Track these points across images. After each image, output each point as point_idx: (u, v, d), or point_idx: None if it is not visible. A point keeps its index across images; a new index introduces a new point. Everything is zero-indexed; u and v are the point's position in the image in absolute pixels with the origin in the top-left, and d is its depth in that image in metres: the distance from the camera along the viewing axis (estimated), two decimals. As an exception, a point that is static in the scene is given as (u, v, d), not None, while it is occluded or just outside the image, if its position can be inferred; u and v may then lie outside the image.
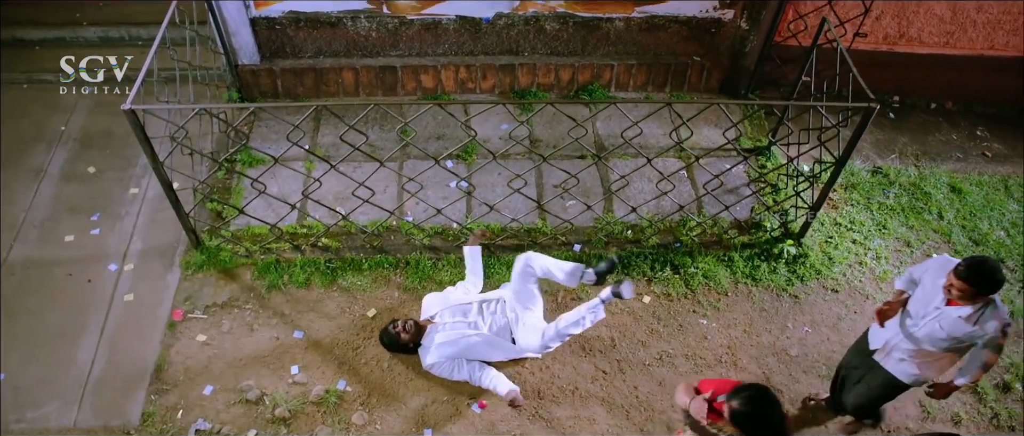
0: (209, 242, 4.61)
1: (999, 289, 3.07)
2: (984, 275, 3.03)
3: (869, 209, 5.22)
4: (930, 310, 3.27)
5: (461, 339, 3.97)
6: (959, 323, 3.17)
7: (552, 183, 5.12)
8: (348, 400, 4.02)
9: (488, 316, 4.02)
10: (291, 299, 4.44)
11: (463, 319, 4.01)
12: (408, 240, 4.72)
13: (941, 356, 3.37)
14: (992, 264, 3.06)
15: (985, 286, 3.04)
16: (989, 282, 3.04)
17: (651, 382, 4.19)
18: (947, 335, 3.22)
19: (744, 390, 2.71)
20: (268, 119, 5.46)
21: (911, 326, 3.37)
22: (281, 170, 4.99)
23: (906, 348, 3.41)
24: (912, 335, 3.36)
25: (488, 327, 3.99)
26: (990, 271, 3.03)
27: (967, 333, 3.18)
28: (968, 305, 3.14)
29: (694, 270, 4.70)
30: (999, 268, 3.05)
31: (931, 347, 3.32)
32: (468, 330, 3.98)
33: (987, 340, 3.17)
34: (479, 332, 3.97)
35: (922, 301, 3.32)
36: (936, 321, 3.24)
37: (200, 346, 4.19)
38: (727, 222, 4.99)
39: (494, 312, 4.04)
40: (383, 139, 5.34)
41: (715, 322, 4.49)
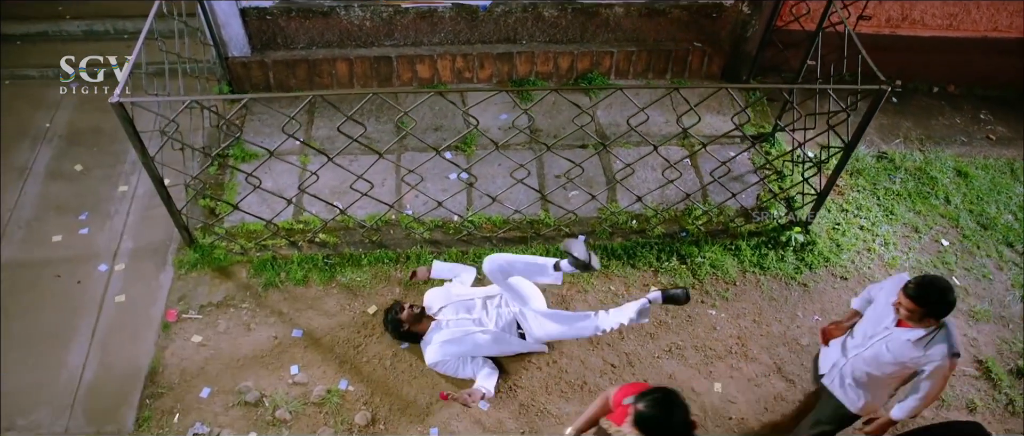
0: (203, 240, 4.46)
1: (949, 311, 2.90)
2: (933, 295, 2.86)
3: (875, 195, 5.14)
4: (879, 330, 3.09)
5: (466, 337, 3.85)
6: (907, 346, 2.99)
7: (553, 173, 5.01)
8: (350, 400, 3.90)
9: (493, 311, 3.91)
10: (289, 297, 4.30)
11: (467, 316, 3.89)
12: (408, 234, 4.60)
13: (889, 382, 3.20)
14: (943, 285, 2.90)
15: (934, 307, 2.88)
16: (938, 303, 2.88)
17: (661, 375, 4.10)
18: (893, 359, 3.04)
19: (650, 393, 2.58)
20: (261, 113, 5.31)
21: (854, 347, 3.20)
22: (275, 164, 4.85)
23: (851, 372, 3.24)
24: (857, 357, 3.18)
25: (494, 323, 3.88)
26: (940, 291, 2.87)
27: (913, 358, 3.00)
28: (919, 327, 2.97)
29: (701, 260, 4.60)
30: (950, 290, 2.89)
31: (877, 371, 3.13)
32: (473, 327, 3.87)
33: (933, 369, 2.97)
34: (485, 329, 3.86)
35: (873, 320, 3.16)
36: (884, 342, 3.07)
37: (196, 347, 4.05)
38: (733, 210, 4.90)
39: (499, 306, 3.93)
40: (380, 131, 5.21)
41: (724, 312, 4.40)
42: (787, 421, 3.95)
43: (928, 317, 2.91)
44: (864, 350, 3.15)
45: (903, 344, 3.00)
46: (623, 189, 4.93)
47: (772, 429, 3.93)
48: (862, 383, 3.22)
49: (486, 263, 3.72)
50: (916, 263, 4.72)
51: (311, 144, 3.94)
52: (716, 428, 3.91)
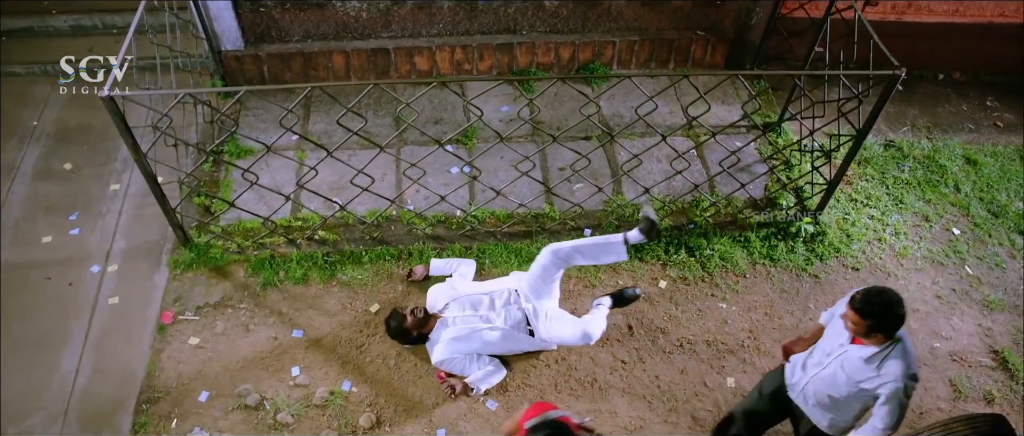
0: (198, 239, 4.33)
1: (898, 326, 2.68)
2: (877, 306, 2.63)
3: (884, 184, 5.05)
4: (836, 348, 2.88)
5: (474, 334, 3.74)
6: (860, 366, 2.76)
7: (557, 166, 4.89)
8: (354, 401, 3.78)
9: (502, 309, 3.80)
10: (288, 296, 4.18)
11: (474, 313, 3.78)
12: (410, 230, 4.48)
13: (850, 405, 2.92)
14: (890, 297, 2.65)
15: (880, 320, 2.64)
16: (884, 316, 2.64)
17: (672, 370, 4.00)
18: (848, 379, 2.81)
19: (540, 428, 2.45)
20: (256, 107, 5.17)
21: (813, 365, 2.99)
22: (272, 160, 4.72)
23: (813, 392, 3.01)
24: (816, 377, 2.96)
25: (503, 320, 3.77)
26: (886, 303, 2.64)
27: (868, 378, 2.76)
28: (872, 344, 2.74)
29: (710, 252, 4.50)
30: (899, 303, 2.65)
31: (835, 392, 2.90)
32: (481, 324, 3.75)
33: (890, 393, 2.71)
34: (493, 326, 3.75)
35: (832, 337, 2.94)
36: (839, 361, 2.85)
37: (193, 350, 3.92)
38: (741, 201, 4.80)
39: (508, 304, 3.81)
40: (378, 125, 5.08)
41: (735, 305, 4.30)
42: (802, 416, 3.85)
43: (876, 332, 2.68)
44: (822, 369, 2.93)
45: (856, 363, 2.78)
46: (629, 181, 4.82)
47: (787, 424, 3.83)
48: (824, 404, 3.00)
49: (548, 254, 3.69)
50: (927, 252, 4.64)
51: (309, 138, 3.80)
52: (730, 424, 3.81)
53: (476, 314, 3.79)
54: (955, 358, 4.14)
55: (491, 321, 3.77)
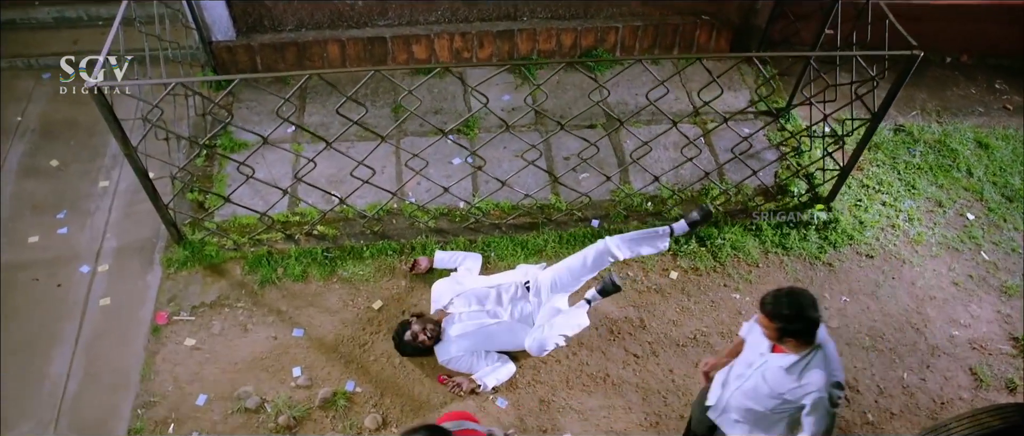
0: (192, 236, 4.17)
1: (813, 329, 2.46)
2: (784, 308, 2.42)
3: (895, 169, 4.94)
4: (756, 358, 2.69)
5: (480, 330, 3.61)
6: (781, 375, 2.56)
7: (561, 155, 4.75)
8: (358, 402, 3.63)
9: (508, 303, 3.66)
10: (287, 294, 4.02)
11: (481, 308, 3.64)
12: (412, 223, 4.33)
13: (775, 419, 2.70)
14: (802, 298, 2.43)
15: (790, 323, 2.43)
16: (794, 318, 2.42)
17: (687, 364, 3.87)
18: (771, 390, 2.60)
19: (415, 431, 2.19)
20: (249, 99, 5.00)
21: (735, 378, 2.79)
22: (268, 153, 4.56)
23: (737, 406, 2.79)
24: (738, 390, 2.75)
25: (510, 314, 3.63)
26: (796, 305, 2.41)
27: (791, 389, 2.55)
28: (791, 352, 2.54)
29: (721, 241, 4.38)
30: (811, 305, 2.42)
31: (758, 406, 2.68)
32: (488, 319, 3.62)
33: (813, 403, 2.51)
34: (499, 320, 3.61)
35: (752, 347, 2.76)
36: (760, 372, 2.65)
37: (189, 351, 3.76)
38: (751, 189, 4.67)
39: (516, 298, 3.68)
40: (376, 116, 4.92)
41: (748, 296, 4.18)
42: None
43: (789, 337, 2.47)
44: (743, 382, 2.73)
45: (777, 372, 2.58)
46: (635, 170, 4.69)
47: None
48: (747, 420, 2.77)
49: (608, 244, 3.65)
50: (942, 238, 4.53)
51: (306, 129, 3.64)
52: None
53: (483, 309, 3.65)
54: (975, 346, 4.03)
55: (498, 316, 3.63)
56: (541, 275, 3.75)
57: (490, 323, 3.62)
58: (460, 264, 4.04)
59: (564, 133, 4.36)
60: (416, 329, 3.58)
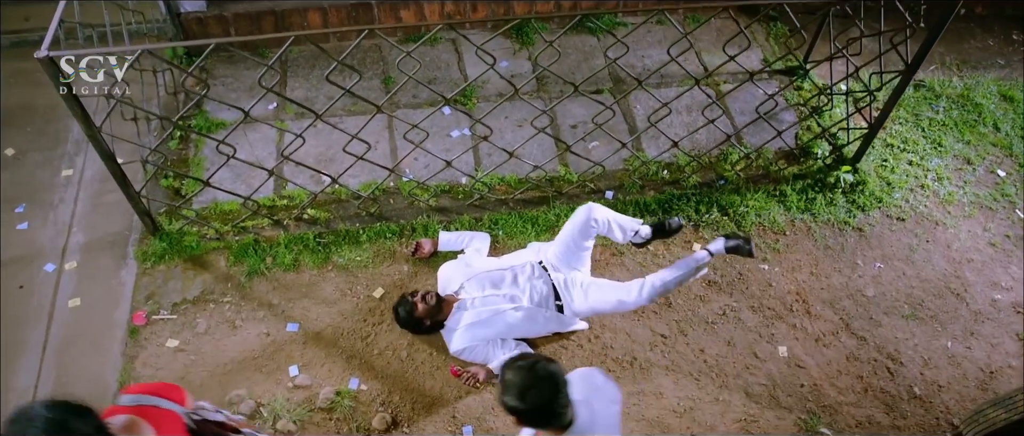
0: (169, 226, 3.77)
1: (550, 417, 2.03)
2: (532, 402, 2.00)
3: (919, 126, 4.66)
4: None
5: (496, 317, 3.27)
6: None
7: (568, 123, 4.41)
8: (365, 401, 3.29)
9: (526, 284, 3.33)
10: (279, 285, 3.65)
11: (495, 291, 3.31)
12: (411, 202, 3.97)
13: None
14: (544, 384, 1.99)
15: (526, 415, 2.04)
16: (530, 410, 2.01)
17: (719, 342, 3.58)
18: None
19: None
20: (225, 75, 4.57)
21: None
22: (249, 133, 4.18)
23: None
24: None
25: (528, 298, 3.30)
26: (540, 400, 1.98)
27: None
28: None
29: (744, 209, 4.08)
30: (553, 385, 1.99)
31: None
32: (504, 304, 3.28)
33: None
34: (518, 305, 3.28)
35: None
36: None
37: (172, 353, 3.39)
38: (771, 152, 4.37)
39: (532, 278, 3.35)
40: (365, 89, 4.51)
41: (777, 266, 3.89)
42: (863, 384, 3.48)
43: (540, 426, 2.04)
44: None
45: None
46: (648, 137, 4.36)
47: (849, 393, 3.45)
48: None
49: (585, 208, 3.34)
50: (974, 197, 4.27)
51: (292, 101, 3.26)
52: (788, 398, 3.42)
53: (498, 293, 3.32)
54: (1019, 310, 3.79)
55: (516, 300, 3.30)
56: (550, 251, 3.43)
57: (507, 308, 3.29)
58: (467, 245, 3.70)
59: (569, 100, 4.03)
60: (417, 294, 3.27)
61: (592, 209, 3.33)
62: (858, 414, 3.39)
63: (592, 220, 3.32)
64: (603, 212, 3.35)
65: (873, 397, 3.45)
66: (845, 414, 3.39)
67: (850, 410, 3.40)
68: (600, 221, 3.33)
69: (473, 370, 3.27)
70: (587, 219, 3.31)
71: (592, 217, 3.32)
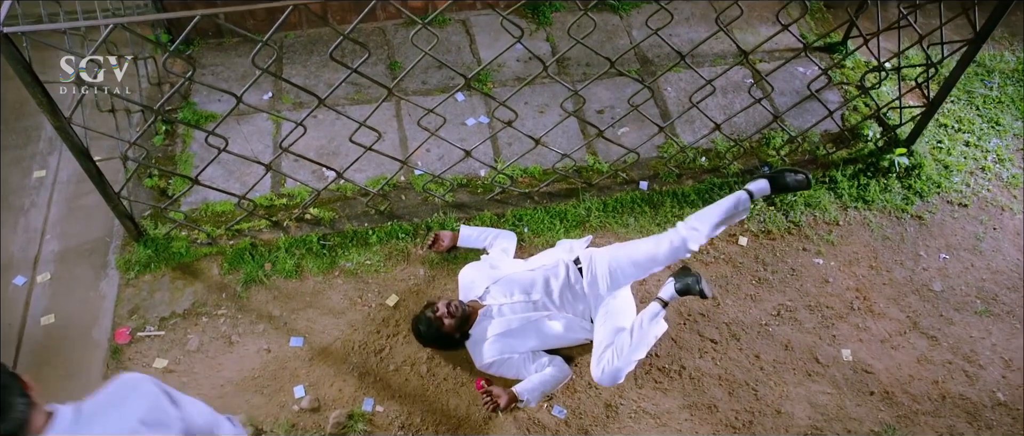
0: (154, 230, 3.36)
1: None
2: None
3: (972, 104, 4.28)
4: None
5: (528, 326, 2.88)
6: None
7: (594, 109, 4.01)
8: (382, 424, 2.90)
9: (560, 292, 2.92)
10: (280, 295, 3.25)
11: (525, 297, 2.90)
12: (426, 198, 3.57)
13: None
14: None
15: None
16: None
17: (775, 347, 3.19)
18: None
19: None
20: (214, 65, 4.15)
21: None
22: (242, 125, 3.77)
23: None
24: None
25: (561, 304, 2.91)
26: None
27: None
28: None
29: (792, 198, 3.69)
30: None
31: None
32: (535, 312, 2.89)
33: None
34: (551, 314, 2.89)
35: None
36: None
37: (160, 375, 2.98)
38: (817, 135, 3.99)
39: (567, 285, 2.94)
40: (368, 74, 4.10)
41: (833, 260, 3.51)
42: (940, 390, 3.10)
43: None
44: None
45: None
46: (682, 122, 3.98)
47: (925, 401, 3.07)
48: None
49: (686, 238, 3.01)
50: (1040, 180, 3.90)
51: (291, 82, 2.85)
52: (857, 408, 3.03)
53: (528, 299, 2.92)
54: (1104, 301, 3.42)
55: (548, 308, 2.91)
56: (596, 256, 3.02)
57: (539, 318, 2.89)
58: (491, 244, 3.30)
59: (594, 84, 3.64)
60: (440, 307, 2.84)
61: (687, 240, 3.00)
62: (937, 425, 3.01)
63: (686, 250, 3.01)
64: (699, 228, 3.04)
65: (952, 405, 3.07)
66: (922, 425, 3.01)
67: (928, 420, 3.02)
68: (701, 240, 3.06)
69: (496, 392, 2.87)
70: (681, 247, 3.00)
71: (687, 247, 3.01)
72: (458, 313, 2.82)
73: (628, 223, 3.54)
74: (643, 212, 3.59)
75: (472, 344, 2.96)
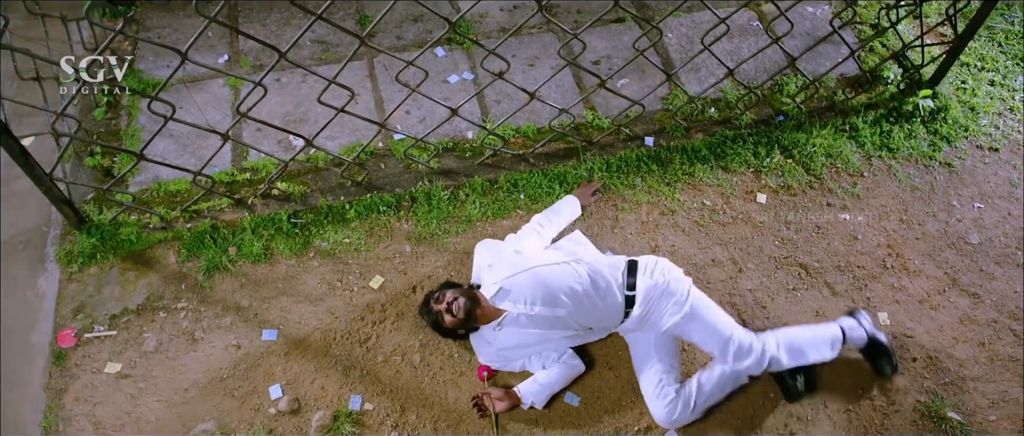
0: (99, 216, 2.94)
1: None
2: None
3: (995, 41, 3.97)
4: None
5: (543, 340, 2.52)
6: None
7: (589, 60, 3.63)
8: (372, 424, 2.54)
9: (594, 311, 2.49)
10: (247, 282, 2.86)
11: (548, 311, 2.45)
12: (408, 166, 3.18)
13: None
14: None
15: None
16: None
17: (806, 313, 2.89)
18: None
19: None
20: (160, 26, 3.68)
21: None
22: (195, 94, 3.34)
23: None
24: None
25: (590, 324, 2.53)
26: None
27: None
28: None
29: (811, 149, 3.36)
30: None
31: None
32: (558, 331, 2.50)
33: None
34: (578, 332, 2.54)
35: None
36: None
37: (113, 382, 2.59)
38: (833, 80, 3.65)
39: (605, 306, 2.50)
40: (335, 32, 3.67)
41: (860, 215, 3.20)
42: (987, 352, 2.82)
43: None
44: None
45: None
46: (686, 71, 3.61)
47: (972, 365, 2.78)
48: None
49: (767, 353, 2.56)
50: (1072, 118, 3.61)
51: (250, 35, 2.43)
52: (900, 377, 2.74)
53: (552, 314, 2.46)
54: None
55: (572, 327, 2.50)
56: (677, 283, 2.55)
57: (562, 337, 2.52)
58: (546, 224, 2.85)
59: (587, 32, 3.26)
60: (444, 300, 2.47)
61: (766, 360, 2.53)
62: (989, 391, 2.73)
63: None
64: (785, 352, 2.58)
65: (1002, 368, 2.79)
66: (972, 392, 2.73)
67: (978, 386, 2.74)
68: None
69: (496, 393, 2.52)
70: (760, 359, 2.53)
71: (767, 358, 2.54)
72: (459, 315, 2.42)
73: (635, 183, 3.19)
74: (650, 170, 3.24)
75: (477, 340, 2.61)
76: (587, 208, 3.05)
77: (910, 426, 2.63)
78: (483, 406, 2.50)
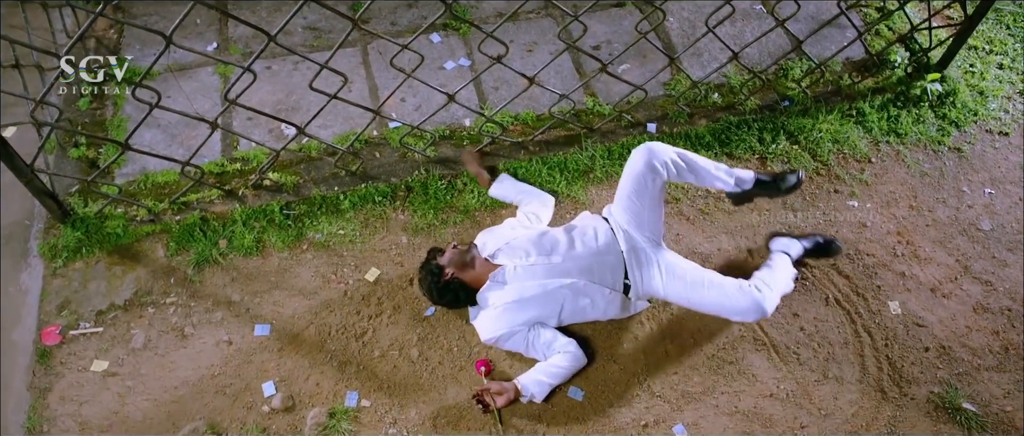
0: (84, 209, 2.84)
1: None
2: None
3: (1002, 23, 3.88)
4: None
5: (545, 295, 2.43)
6: None
7: (589, 45, 3.53)
8: (369, 422, 2.46)
9: (588, 254, 2.47)
10: (238, 276, 2.76)
11: (544, 259, 2.46)
12: (403, 155, 3.08)
13: None
14: None
15: None
16: None
17: (814, 303, 2.81)
18: None
19: None
20: (147, 14, 3.56)
21: None
22: (184, 83, 3.23)
23: None
24: None
25: (589, 270, 2.46)
26: None
27: None
28: None
29: (817, 134, 3.27)
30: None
31: None
32: (555, 279, 2.44)
33: None
34: (576, 282, 2.45)
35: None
36: None
37: (100, 380, 2.50)
38: (838, 64, 3.56)
39: (597, 247, 2.49)
40: (327, 18, 3.56)
41: (868, 202, 3.11)
42: (1002, 341, 2.74)
43: None
44: None
45: None
46: (688, 56, 3.52)
47: (986, 355, 2.71)
48: None
49: (643, 149, 2.49)
50: (1083, 102, 3.53)
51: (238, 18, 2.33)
52: (912, 367, 2.67)
53: (548, 262, 2.46)
54: None
55: (571, 273, 2.45)
56: (614, 210, 2.58)
57: (560, 285, 2.44)
58: (525, 204, 2.83)
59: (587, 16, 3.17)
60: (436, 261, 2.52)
61: (652, 150, 2.46)
62: (1004, 381, 2.66)
63: (655, 164, 2.45)
64: (669, 152, 2.48)
65: (1017, 356, 2.71)
66: (986, 382, 2.66)
67: (992, 377, 2.67)
68: (669, 164, 2.47)
69: (495, 387, 2.44)
70: (647, 164, 2.45)
71: (654, 160, 2.45)
72: (460, 248, 2.48)
73: (638, 172, 3.10)
74: (654, 158, 3.15)
75: (475, 313, 2.53)
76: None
77: (924, 418, 2.56)
78: (485, 403, 2.41)
